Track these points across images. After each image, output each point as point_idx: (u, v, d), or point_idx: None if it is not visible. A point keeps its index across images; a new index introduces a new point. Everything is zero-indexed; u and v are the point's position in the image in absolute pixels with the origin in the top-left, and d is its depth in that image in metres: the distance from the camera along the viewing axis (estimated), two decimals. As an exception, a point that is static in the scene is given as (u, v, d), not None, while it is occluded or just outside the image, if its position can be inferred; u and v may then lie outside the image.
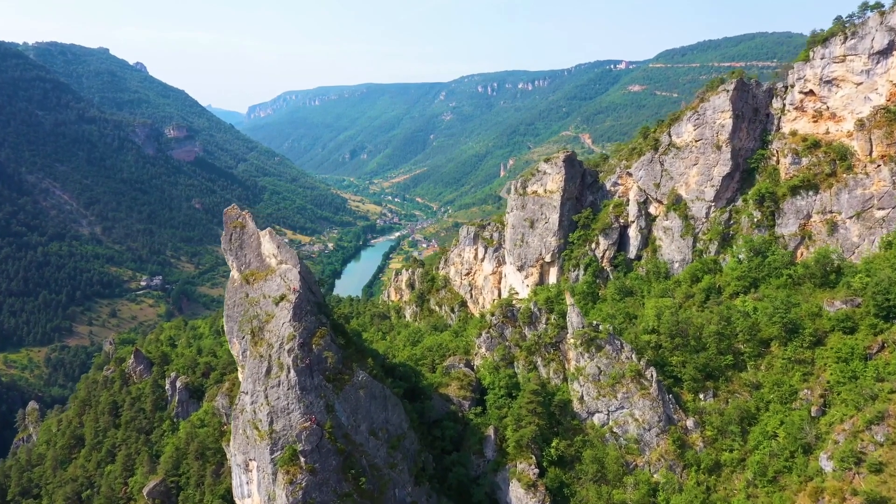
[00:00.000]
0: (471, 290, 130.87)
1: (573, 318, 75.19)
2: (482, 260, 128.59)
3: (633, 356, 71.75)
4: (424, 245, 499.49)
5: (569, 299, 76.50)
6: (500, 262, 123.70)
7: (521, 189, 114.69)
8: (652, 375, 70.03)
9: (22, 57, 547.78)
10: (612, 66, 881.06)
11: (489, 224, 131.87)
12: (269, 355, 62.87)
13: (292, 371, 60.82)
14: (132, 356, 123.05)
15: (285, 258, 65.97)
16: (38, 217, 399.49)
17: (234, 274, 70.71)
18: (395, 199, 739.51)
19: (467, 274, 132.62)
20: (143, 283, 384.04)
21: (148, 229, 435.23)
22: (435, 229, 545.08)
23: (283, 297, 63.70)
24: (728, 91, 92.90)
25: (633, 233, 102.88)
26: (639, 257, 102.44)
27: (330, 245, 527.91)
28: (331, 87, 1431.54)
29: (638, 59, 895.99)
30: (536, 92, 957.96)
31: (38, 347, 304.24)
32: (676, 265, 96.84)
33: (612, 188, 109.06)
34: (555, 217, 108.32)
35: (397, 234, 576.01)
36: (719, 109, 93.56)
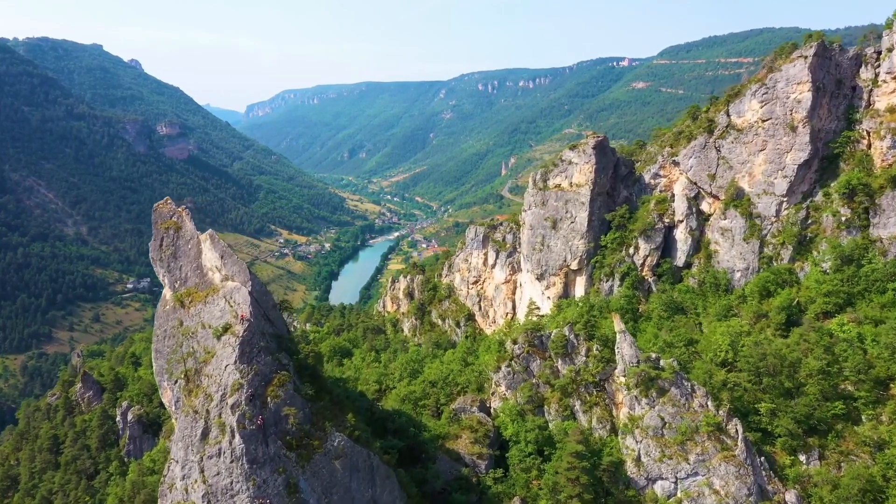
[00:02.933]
0: (479, 301, 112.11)
1: (624, 348, 56.51)
2: (493, 266, 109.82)
3: (709, 403, 53.06)
4: (424, 245, 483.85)
5: (618, 324, 57.72)
6: (515, 269, 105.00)
7: (540, 182, 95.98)
8: (737, 431, 51.37)
9: (8, 51, 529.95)
10: (614, 64, 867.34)
11: (501, 224, 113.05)
12: (207, 411, 44.16)
13: (237, 435, 42.15)
14: (80, 380, 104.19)
15: (231, 272, 47.18)
16: (20, 216, 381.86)
17: (166, 293, 51.97)
18: (395, 199, 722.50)
19: (475, 282, 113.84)
20: (129, 286, 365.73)
21: (137, 229, 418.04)
22: (435, 229, 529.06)
23: (226, 329, 44.94)
24: (806, 58, 74.15)
25: (680, 235, 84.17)
26: (688, 265, 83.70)
27: (327, 245, 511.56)
28: (330, 86, 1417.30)
29: (641, 56, 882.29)
30: (538, 90, 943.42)
31: (14, 355, 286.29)
32: (738, 275, 78.14)
33: (653, 181, 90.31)
34: (583, 215, 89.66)
35: (396, 233, 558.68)
36: (794, 81, 74.82)
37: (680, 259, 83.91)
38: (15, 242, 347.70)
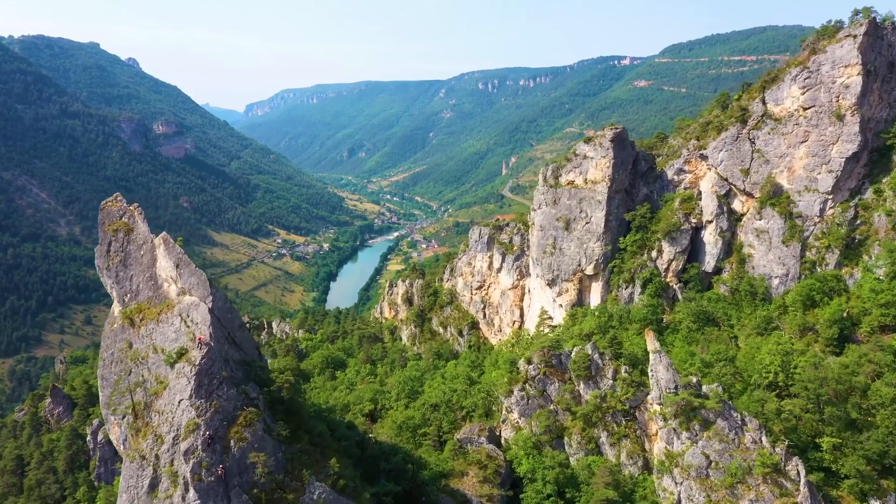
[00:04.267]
0: (484, 308, 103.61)
1: (660, 371, 48.02)
2: (499, 270, 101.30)
3: (764, 439, 44.60)
4: (424, 245, 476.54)
5: (651, 342, 49.17)
6: (523, 273, 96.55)
7: (552, 179, 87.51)
8: (798, 472, 42.93)
9: (2, 49, 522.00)
10: (615, 62, 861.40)
11: (507, 225, 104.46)
12: (156, 456, 35.77)
13: (192, 489, 33.74)
14: (49, 394, 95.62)
15: (189, 285, 38.74)
16: (11, 216, 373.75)
17: (115, 308, 43.55)
18: (394, 198, 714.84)
19: (479, 288, 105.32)
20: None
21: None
22: (435, 229, 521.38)
23: (181, 355, 36.53)
24: (855, 37, 65.70)
25: (709, 237, 75.68)
26: (718, 270, 75.22)
27: (325, 246, 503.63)
28: (329, 85, 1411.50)
29: (642, 54, 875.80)
30: (538, 89, 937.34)
31: (1, 359, 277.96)
32: (776, 282, 69.67)
33: (676, 177, 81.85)
34: (599, 215, 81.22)
35: (396, 233, 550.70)
36: (841, 63, 66.36)
37: (709, 264, 75.43)
38: (5, 243, 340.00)
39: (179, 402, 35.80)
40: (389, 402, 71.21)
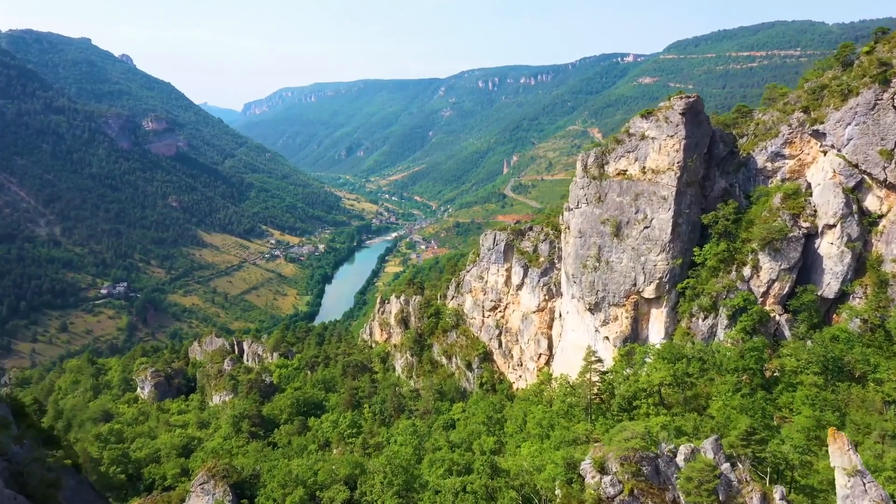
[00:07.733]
0: (499, 335, 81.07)
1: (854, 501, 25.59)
2: (519, 288, 78.74)
3: None
4: (423, 247, 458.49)
5: (845, 454, 26.38)
6: (553, 293, 74.02)
7: (594, 168, 64.99)
8: None
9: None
10: (619, 59, 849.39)
11: (531, 229, 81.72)
12: None
13: None
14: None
15: None
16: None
17: None
18: (393, 198, 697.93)
19: (493, 309, 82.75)
20: (103, 291, 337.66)
21: (115, 229, 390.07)
22: (435, 229, 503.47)
23: None
24: None
25: (830, 248, 53.25)
26: (843, 296, 52.79)
27: (321, 247, 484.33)
28: (327, 84, 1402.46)
29: (646, 52, 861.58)
30: (539, 86, 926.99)
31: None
32: (941, 316, 47.38)
33: (770, 164, 59.37)
34: (664, 217, 58.81)
35: (394, 234, 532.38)
36: None
37: (829, 287, 52.93)
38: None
39: None
40: (372, 491, 48.65)
